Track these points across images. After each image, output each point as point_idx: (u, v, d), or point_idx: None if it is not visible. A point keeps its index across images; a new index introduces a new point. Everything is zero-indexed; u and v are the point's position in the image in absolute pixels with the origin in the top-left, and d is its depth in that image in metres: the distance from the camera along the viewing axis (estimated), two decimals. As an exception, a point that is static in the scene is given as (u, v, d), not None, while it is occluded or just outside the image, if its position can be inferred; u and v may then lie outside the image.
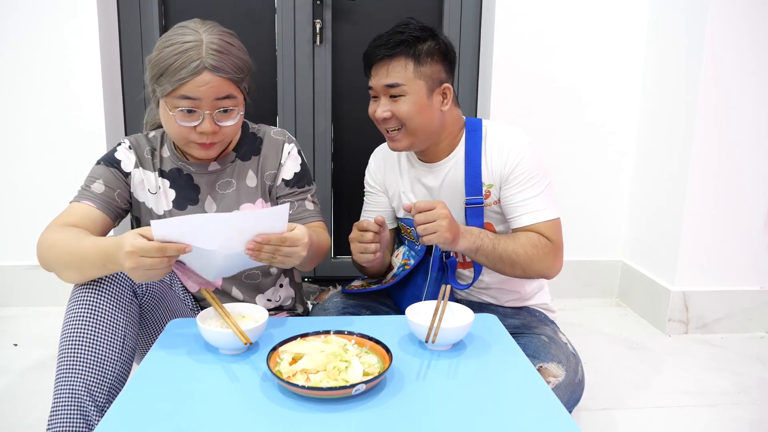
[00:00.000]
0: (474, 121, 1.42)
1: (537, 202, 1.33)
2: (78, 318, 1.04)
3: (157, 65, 1.13)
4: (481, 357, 1.03)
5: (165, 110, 1.15)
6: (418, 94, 1.30)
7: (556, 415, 0.85)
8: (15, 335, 1.91)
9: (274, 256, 1.03)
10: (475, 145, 1.38)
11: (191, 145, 1.19)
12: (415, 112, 1.30)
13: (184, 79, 1.10)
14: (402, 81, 1.29)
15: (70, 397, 0.99)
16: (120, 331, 1.06)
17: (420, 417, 0.84)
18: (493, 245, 1.29)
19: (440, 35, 1.35)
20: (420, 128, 1.32)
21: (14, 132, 2.04)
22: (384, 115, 1.32)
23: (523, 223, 1.34)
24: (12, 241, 2.11)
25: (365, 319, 1.25)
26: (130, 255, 0.93)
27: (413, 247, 1.46)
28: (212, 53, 1.12)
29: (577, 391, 1.25)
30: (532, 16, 2.12)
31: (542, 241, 1.32)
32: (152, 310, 1.18)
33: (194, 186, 1.29)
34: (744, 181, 1.99)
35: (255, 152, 1.32)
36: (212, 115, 1.14)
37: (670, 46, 2.08)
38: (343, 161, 2.33)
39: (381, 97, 1.33)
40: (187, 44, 1.11)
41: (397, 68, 1.30)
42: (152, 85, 1.16)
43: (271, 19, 2.18)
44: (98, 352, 1.02)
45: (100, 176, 1.24)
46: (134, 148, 1.29)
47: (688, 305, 2.04)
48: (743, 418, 1.53)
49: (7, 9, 1.95)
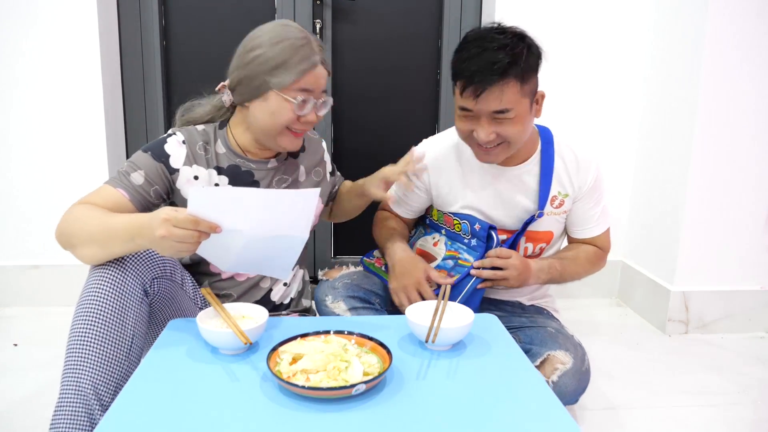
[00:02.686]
0: (546, 131, 1.42)
1: (599, 216, 1.46)
2: (87, 315, 1.03)
3: (271, 60, 1.19)
4: (481, 357, 1.03)
5: (281, 101, 1.20)
6: (524, 112, 1.26)
7: (557, 415, 0.85)
8: (15, 335, 1.91)
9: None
10: (549, 158, 1.39)
11: (286, 135, 1.25)
12: (521, 130, 1.27)
13: (307, 70, 1.19)
14: (512, 106, 1.23)
15: (76, 394, 0.98)
16: (129, 330, 1.06)
17: (420, 417, 0.84)
18: (560, 275, 1.41)
19: (529, 39, 1.28)
20: (518, 145, 1.31)
21: (14, 132, 2.04)
22: (490, 138, 1.26)
23: (586, 236, 1.47)
24: (12, 241, 2.11)
25: (365, 319, 1.25)
26: (164, 222, 0.96)
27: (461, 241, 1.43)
28: (320, 49, 1.24)
29: (583, 380, 1.27)
30: (532, 17, 2.12)
31: (598, 253, 1.47)
32: (161, 309, 1.18)
33: (255, 182, 1.32)
34: (744, 181, 2.00)
35: (301, 149, 1.42)
36: (316, 105, 1.24)
37: (670, 45, 2.08)
38: (343, 161, 2.33)
39: (483, 118, 1.25)
40: (301, 40, 1.21)
41: (508, 94, 1.22)
42: (261, 78, 1.20)
43: (271, 19, 2.18)
44: (106, 351, 1.02)
45: (143, 167, 1.22)
46: (188, 143, 1.27)
47: (688, 305, 2.04)
48: (743, 418, 1.53)
49: (7, 9, 1.96)
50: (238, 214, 0.99)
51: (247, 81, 1.21)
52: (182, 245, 0.97)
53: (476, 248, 1.39)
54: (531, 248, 1.44)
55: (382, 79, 2.27)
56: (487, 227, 1.37)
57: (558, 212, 1.42)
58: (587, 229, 1.45)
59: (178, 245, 0.97)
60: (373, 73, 2.26)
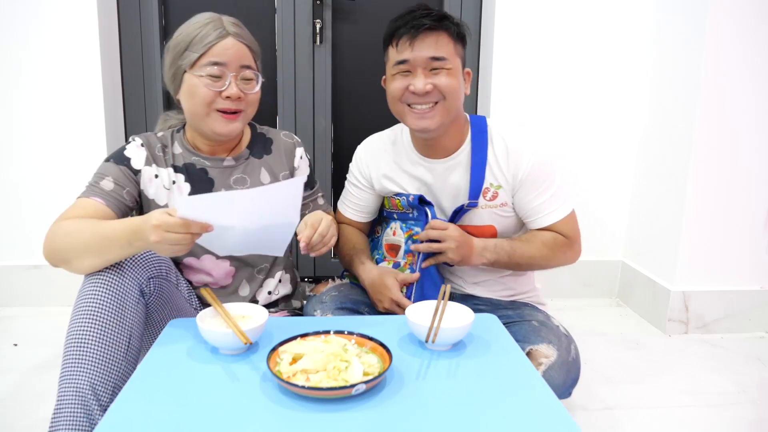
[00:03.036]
0: (479, 121, 1.40)
1: (552, 203, 1.37)
2: (85, 316, 1.04)
3: (181, 42, 1.22)
4: (481, 357, 1.03)
5: (192, 80, 1.21)
6: (457, 72, 1.30)
7: (557, 416, 0.85)
8: (15, 335, 1.91)
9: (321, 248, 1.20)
10: (481, 149, 1.36)
11: (215, 116, 1.23)
12: (455, 86, 1.29)
13: (211, 42, 1.20)
14: (447, 55, 1.28)
15: (75, 394, 0.99)
16: (126, 330, 1.06)
17: (420, 417, 0.84)
18: (508, 256, 1.34)
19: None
20: (453, 107, 1.31)
21: (14, 132, 2.04)
22: (427, 88, 1.27)
23: (540, 225, 1.38)
24: (12, 241, 2.11)
25: (365, 319, 1.25)
26: (156, 229, 0.97)
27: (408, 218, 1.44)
28: (231, 24, 1.24)
29: (572, 371, 1.25)
30: (532, 17, 2.12)
31: (558, 239, 1.38)
32: (158, 309, 1.18)
33: (209, 179, 1.31)
34: (744, 181, 1.99)
35: (266, 152, 1.39)
36: (237, 78, 1.22)
37: (671, 45, 2.08)
38: (343, 161, 2.32)
39: (418, 70, 1.28)
40: (208, 19, 1.23)
41: (443, 41, 1.28)
42: (175, 64, 1.22)
43: (271, 19, 2.18)
44: (104, 351, 1.02)
45: (109, 173, 1.25)
46: (146, 145, 1.30)
47: (688, 305, 2.04)
48: (743, 418, 1.53)
49: (7, 9, 1.96)
50: (227, 214, 1.00)
51: (169, 74, 1.25)
52: (177, 247, 0.99)
53: (419, 218, 1.40)
54: None
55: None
56: (417, 197, 1.37)
57: (493, 205, 1.38)
58: (540, 218, 1.38)
59: (173, 247, 0.99)
60: (373, 73, 2.26)
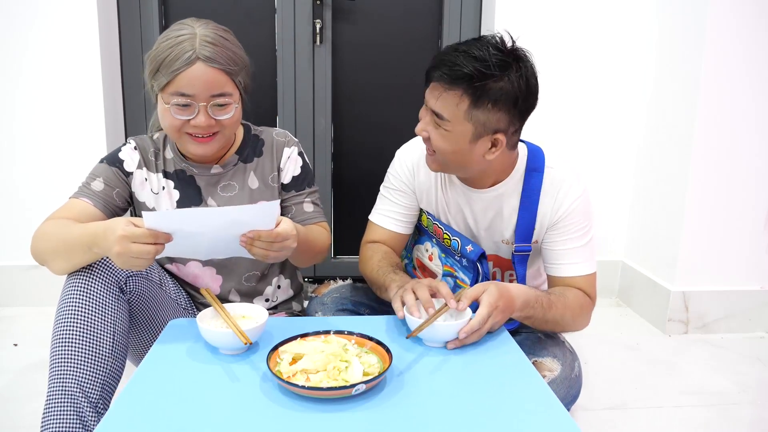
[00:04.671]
0: (536, 157, 1.29)
1: (580, 254, 1.27)
2: (66, 318, 1.05)
3: (153, 60, 1.15)
4: (480, 357, 1.03)
5: (161, 104, 1.16)
6: (461, 135, 1.15)
7: (556, 416, 0.85)
8: (15, 335, 1.91)
9: (267, 252, 1.04)
10: (535, 188, 1.26)
11: (185, 139, 1.18)
12: (449, 150, 1.17)
13: (178, 70, 1.10)
14: (447, 116, 1.14)
15: (63, 394, 0.99)
16: (109, 326, 1.06)
17: (420, 417, 0.84)
18: (543, 314, 1.20)
19: (523, 75, 1.14)
20: (452, 164, 1.21)
21: (14, 132, 2.04)
22: (422, 134, 1.20)
23: (562, 273, 1.27)
24: (12, 241, 2.11)
25: (365, 319, 1.25)
26: (121, 239, 0.94)
27: (453, 256, 1.35)
28: (205, 44, 1.12)
29: (574, 387, 1.24)
30: (532, 17, 2.12)
31: (586, 300, 1.26)
32: (142, 309, 1.18)
33: (196, 187, 1.29)
34: (744, 181, 2.00)
35: (257, 154, 1.32)
36: (207, 107, 1.14)
37: (671, 45, 2.08)
38: (343, 161, 2.33)
39: (428, 113, 1.19)
40: (182, 37, 1.12)
41: (448, 101, 1.13)
42: (150, 81, 1.17)
43: (271, 19, 2.18)
44: (88, 348, 1.03)
45: (100, 174, 1.25)
46: (139, 148, 1.29)
47: (688, 305, 2.04)
48: (743, 418, 1.53)
49: (7, 9, 1.96)
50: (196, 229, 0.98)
51: (147, 83, 1.20)
52: (138, 261, 0.96)
53: (468, 268, 1.31)
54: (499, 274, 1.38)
55: (382, 79, 2.27)
56: (478, 254, 1.26)
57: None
58: (565, 265, 1.26)
59: (134, 260, 0.96)
60: (373, 73, 2.26)
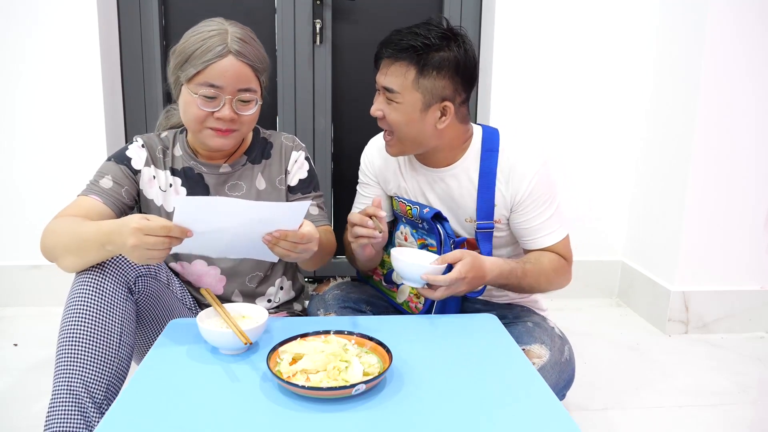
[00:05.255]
0: (491, 138, 1.34)
1: (551, 224, 1.33)
2: (74, 317, 1.04)
3: (182, 52, 1.18)
4: (481, 357, 1.03)
5: (186, 95, 1.18)
6: (412, 105, 1.23)
7: (556, 415, 0.85)
8: (15, 335, 1.91)
9: (289, 253, 1.06)
10: (491, 168, 1.31)
11: (207, 133, 1.20)
12: (403, 122, 1.25)
13: (210, 61, 1.14)
14: (397, 88, 1.22)
15: (68, 393, 0.99)
16: (116, 327, 1.06)
17: (420, 417, 0.84)
18: (519, 282, 1.27)
19: (462, 46, 1.23)
20: (408, 138, 1.27)
21: (14, 132, 2.04)
22: (376, 113, 1.28)
23: (537, 246, 1.34)
24: (12, 241, 2.11)
25: (365, 319, 1.25)
26: (136, 232, 0.95)
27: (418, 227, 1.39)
28: (236, 40, 1.17)
29: (565, 371, 1.25)
30: (532, 17, 2.12)
31: (561, 262, 1.33)
32: (149, 309, 1.18)
33: (204, 185, 1.30)
34: (744, 181, 2.00)
35: (265, 156, 1.35)
36: (232, 101, 1.17)
37: (672, 45, 2.08)
38: (343, 161, 2.33)
39: (380, 93, 1.28)
40: (213, 32, 1.17)
41: (396, 73, 1.22)
42: (176, 73, 1.20)
43: (271, 19, 2.18)
44: (95, 349, 1.03)
45: (108, 172, 1.25)
46: (147, 146, 1.30)
47: (688, 305, 2.04)
48: (743, 418, 1.53)
49: (8, 9, 1.96)
50: (224, 220, 0.99)
51: (170, 77, 1.23)
52: (153, 252, 0.96)
53: (431, 231, 1.34)
54: None
55: (382, 79, 2.27)
56: (432, 213, 1.30)
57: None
58: (539, 238, 1.33)
59: (149, 252, 0.96)
60: (373, 73, 2.25)
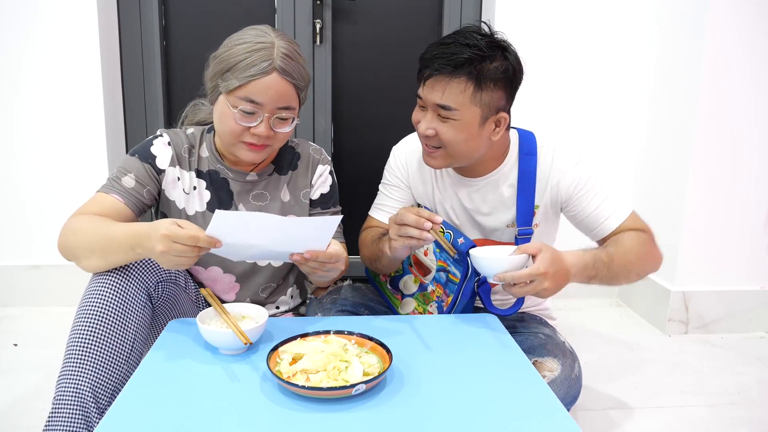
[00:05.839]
0: (529, 142, 1.31)
1: (610, 205, 1.28)
2: (89, 317, 1.03)
3: (225, 60, 1.15)
4: (481, 357, 1.03)
5: (224, 106, 1.16)
6: (470, 121, 1.18)
7: (557, 416, 0.85)
8: (15, 335, 1.91)
9: (317, 271, 1.06)
10: (530, 172, 1.29)
11: (240, 145, 1.18)
12: (461, 139, 1.20)
13: (254, 76, 1.11)
14: (456, 105, 1.17)
15: (75, 394, 0.98)
16: (130, 334, 1.05)
17: (420, 417, 0.84)
18: (608, 269, 1.20)
19: (510, 54, 1.20)
20: (462, 154, 1.23)
21: (14, 132, 2.04)
22: (428, 132, 1.21)
23: (607, 230, 1.28)
24: (12, 241, 2.11)
25: (365, 319, 1.25)
26: (164, 238, 0.95)
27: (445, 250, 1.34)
28: (282, 56, 1.13)
29: (574, 388, 1.24)
30: (532, 17, 2.12)
31: (642, 236, 1.27)
32: (165, 312, 1.18)
33: (229, 191, 1.28)
34: (744, 181, 2.00)
35: (292, 167, 1.34)
36: (270, 119, 1.15)
37: (672, 45, 2.08)
38: (343, 161, 2.33)
39: (429, 110, 1.21)
40: (260, 44, 1.13)
41: (455, 90, 1.16)
42: (215, 80, 1.17)
43: (271, 19, 2.18)
44: (106, 354, 1.02)
45: (132, 170, 1.22)
46: (173, 144, 1.26)
47: (688, 305, 2.04)
48: (743, 418, 1.53)
49: (8, 9, 1.95)
50: (256, 235, 0.99)
51: (208, 82, 1.20)
52: (181, 259, 0.97)
53: (459, 262, 1.30)
54: None
55: (382, 79, 2.27)
56: (468, 246, 1.24)
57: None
58: (604, 223, 1.28)
59: (177, 259, 0.97)
60: (373, 73, 2.26)
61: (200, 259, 1.27)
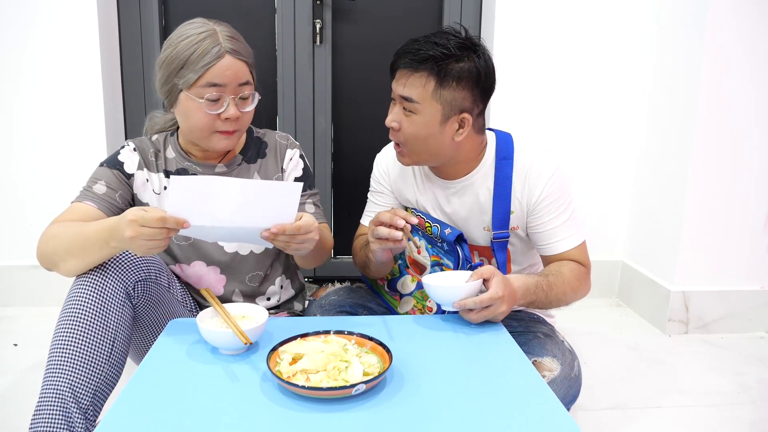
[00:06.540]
0: (506, 146, 1.33)
1: (567, 229, 1.31)
2: (68, 320, 1.05)
3: (175, 59, 1.16)
4: (481, 357, 1.03)
5: (188, 102, 1.18)
6: (431, 117, 1.21)
7: (556, 416, 0.85)
8: (15, 335, 1.91)
9: (289, 244, 1.06)
10: (506, 176, 1.31)
11: (215, 136, 1.21)
12: (422, 135, 1.23)
13: (210, 64, 1.14)
14: (417, 98, 1.20)
15: (54, 396, 0.99)
16: (110, 334, 1.06)
17: (420, 417, 0.84)
18: (546, 296, 1.24)
19: (481, 57, 1.22)
20: (425, 151, 1.26)
21: (14, 132, 2.04)
22: (392, 124, 1.26)
23: (554, 252, 1.32)
24: (12, 241, 2.11)
25: (365, 319, 1.25)
26: (131, 223, 0.96)
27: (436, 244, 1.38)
28: (228, 38, 1.17)
29: (573, 387, 1.24)
30: (532, 17, 2.12)
31: (581, 270, 1.31)
32: (149, 313, 1.18)
33: None
34: (744, 181, 2.00)
35: (261, 155, 1.36)
36: (235, 99, 1.19)
37: (671, 46, 2.08)
38: (343, 161, 2.33)
39: (397, 103, 1.26)
40: (204, 33, 1.16)
41: (416, 83, 1.20)
42: (170, 82, 1.18)
43: (271, 19, 2.18)
44: (86, 354, 1.03)
45: (102, 177, 1.25)
46: (138, 149, 1.30)
47: (688, 305, 2.04)
48: (743, 418, 1.53)
49: (8, 9, 1.96)
50: (219, 201, 0.99)
51: (162, 87, 1.21)
52: (152, 242, 0.97)
53: (450, 253, 1.32)
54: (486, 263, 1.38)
55: (382, 79, 2.25)
56: (455, 235, 1.28)
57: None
58: (555, 243, 1.31)
59: (149, 243, 0.97)
60: (373, 73, 2.26)
61: (181, 256, 1.29)
